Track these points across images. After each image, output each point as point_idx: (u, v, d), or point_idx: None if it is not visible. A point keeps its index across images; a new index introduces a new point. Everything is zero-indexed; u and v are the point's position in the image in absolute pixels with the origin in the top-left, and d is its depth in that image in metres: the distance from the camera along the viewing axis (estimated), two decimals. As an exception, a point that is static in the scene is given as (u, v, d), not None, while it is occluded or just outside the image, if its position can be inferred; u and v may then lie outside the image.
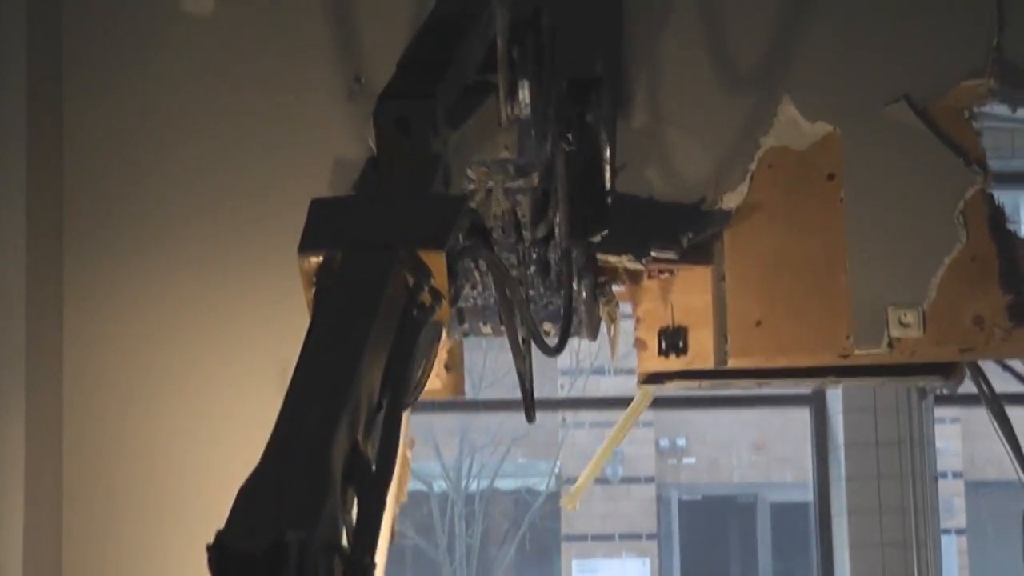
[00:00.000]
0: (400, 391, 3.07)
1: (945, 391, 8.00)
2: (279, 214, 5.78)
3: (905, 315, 5.82)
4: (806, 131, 5.96)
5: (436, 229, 3.24)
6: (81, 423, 6.11)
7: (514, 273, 5.04)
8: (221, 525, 2.64)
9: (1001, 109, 7.41)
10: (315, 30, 6.14)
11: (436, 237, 3.21)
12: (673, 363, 5.99)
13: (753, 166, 5.95)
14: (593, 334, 5.78)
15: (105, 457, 6.08)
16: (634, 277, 6.04)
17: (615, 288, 6.11)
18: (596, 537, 16.30)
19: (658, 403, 10.35)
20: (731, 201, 5.96)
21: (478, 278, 4.96)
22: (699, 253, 5.97)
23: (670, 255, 5.91)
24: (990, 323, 5.84)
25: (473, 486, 16.19)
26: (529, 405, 4.40)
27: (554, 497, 15.92)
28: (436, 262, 3.18)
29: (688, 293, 6.00)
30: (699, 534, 16.77)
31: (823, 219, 5.93)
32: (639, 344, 6.05)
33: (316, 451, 2.80)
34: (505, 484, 16.34)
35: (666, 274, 6.00)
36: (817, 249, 5.91)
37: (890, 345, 5.84)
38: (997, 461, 7.65)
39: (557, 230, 4.98)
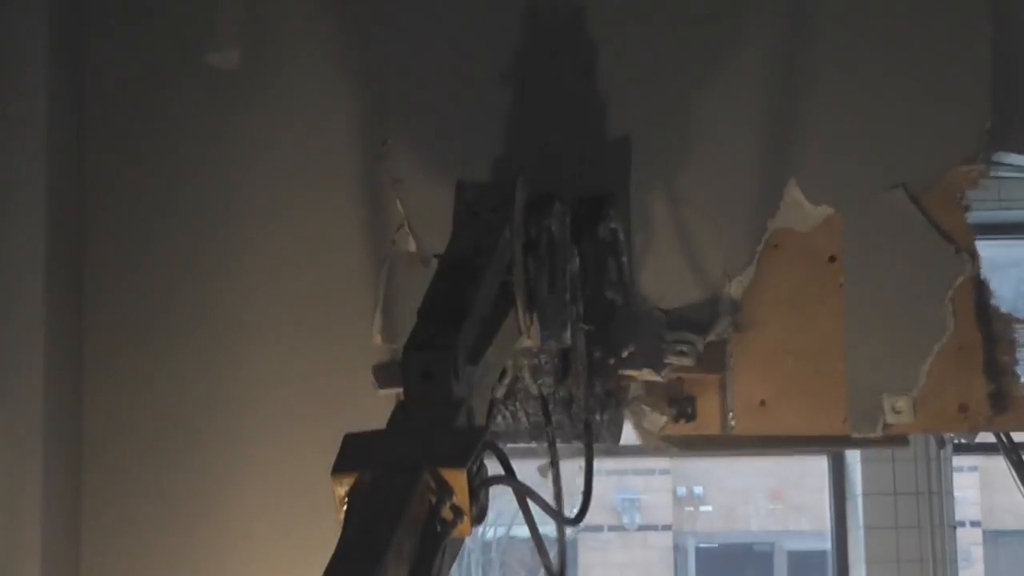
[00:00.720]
0: None
1: (963, 440, 8.10)
2: (302, 268, 5.98)
3: (897, 402, 5.89)
4: (809, 213, 6.04)
5: (458, 450, 3.48)
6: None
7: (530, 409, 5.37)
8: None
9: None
10: (344, 91, 6.16)
11: (458, 457, 3.45)
12: (683, 428, 6.04)
13: (760, 247, 6.03)
14: (617, 440, 5.95)
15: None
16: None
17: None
18: None
19: (680, 456, 10.25)
20: (739, 285, 6.04)
21: (507, 414, 5.38)
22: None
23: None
24: (974, 411, 5.90)
25: (490, 534, 16.06)
26: (550, 565, 4.57)
27: (571, 545, 15.73)
28: (458, 480, 3.41)
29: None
30: None
31: (824, 302, 6.02)
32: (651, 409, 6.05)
33: None
34: (522, 532, 16.21)
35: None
36: (818, 332, 6.00)
37: (884, 429, 5.91)
38: (1015, 510, 7.76)
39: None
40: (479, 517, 3.55)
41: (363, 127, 6.11)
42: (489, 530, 16.58)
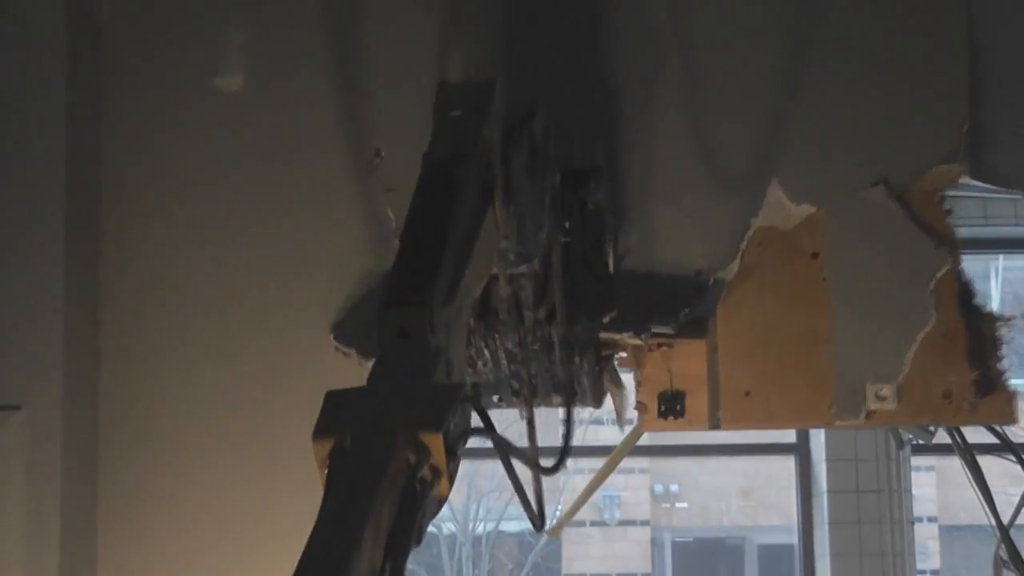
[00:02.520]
0: (401, 560, 3.13)
1: (921, 441, 7.95)
2: (298, 280, 5.75)
3: (881, 389, 5.71)
4: (792, 212, 5.83)
5: (434, 413, 3.28)
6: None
7: (515, 350, 5.05)
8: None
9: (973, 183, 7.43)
10: (333, 105, 6.01)
11: (435, 420, 3.25)
12: (671, 424, 5.87)
13: (743, 245, 5.82)
14: (598, 403, 5.72)
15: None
16: (636, 348, 5.91)
17: (618, 356, 6.01)
18: None
19: (653, 451, 10.19)
20: (724, 277, 5.86)
21: (487, 355, 5.05)
22: (695, 327, 5.89)
23: (668, 330, 5.82)
24: (958, 397, 5.73)
25: (480, 528, 16.51)
26: (534, 517, 4.41)
27: (555, 542, 16.13)
28: (435, 443, 3.22)
29: (685, 360, 5.87)
30: (691, 574, 16.85)
31: (807, 296, 5.83)
32: (640, 407, 5.89)
33: None
34: (509, 527, 16.49)
35: (664, 347, 5.90)
36: (802, 324, 5.81)
37: (867, 417, 5.75)
38: (969, 507, 7.63)
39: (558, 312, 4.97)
40: (454, 475, 3.39)
41: (357, 138, 5.96)
42: (479, 525, 16.49)
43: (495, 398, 5.37)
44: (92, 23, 5.95)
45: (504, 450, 3.80)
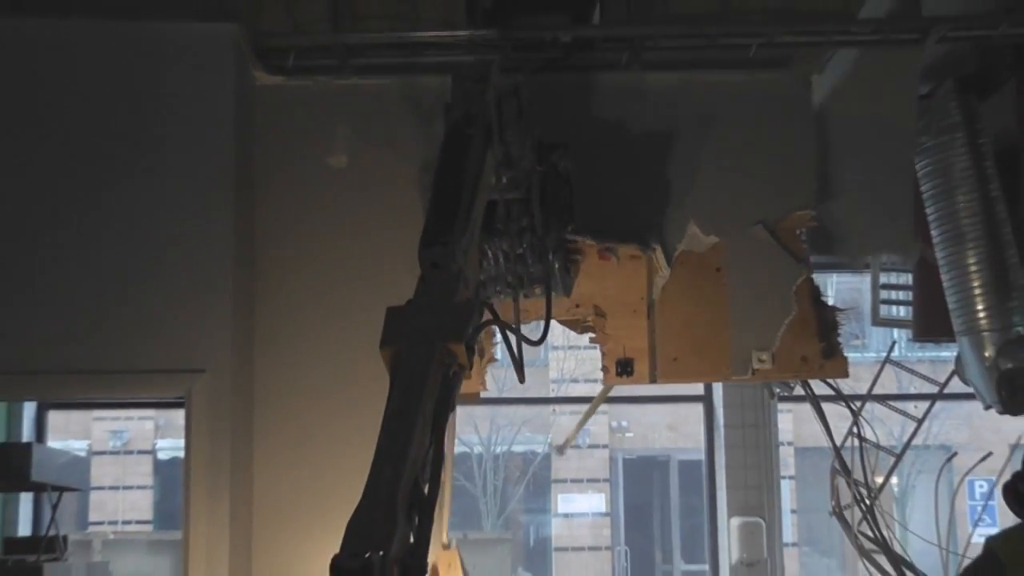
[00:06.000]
0: (441, 434, 3.23)
1: (784, 392, 8.06)
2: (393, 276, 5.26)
3: (762, 356, 5.99)
4: (704, 242, 6.05)
5: (457, 328, 3.42)
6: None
7: (508, 251, 5.01)
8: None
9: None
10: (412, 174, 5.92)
11: (457, 334, 3.40)
12: (624, 380, 6.07)
13: (672, 263, 6.03)
14: (567, 292, 5.69)
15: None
16: (600, 323, 6.04)
17: (590, 335, 6.14)
18: (573, 480, 16.23)
19: (612, 400, 10.06)
20: (662, 276, 6.02)
21: (490, 256, 5.04)
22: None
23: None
24: (811, 360, 6.03)
25: (498, 449, 15.89)
26: (520, 369, 4.32)
27: (547, 457, 15.59)
28: (459, 349, 3.38)
29: (633, 339, 6.04)
30: (634, 480, 16.33)
31: (713, 296, 6.06)
32: (604, 369, 6.08)
33: (390, 497, 2.98)
34: (517, 448, 16.04)
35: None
36: (710, 314, 6.04)
37: (752, 374, 6.01)
38: (815, 435, 7.62)
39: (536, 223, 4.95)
40: (473, 363, 3.49)
41: (420, 192, 5.91)
42: (498, 447, 16.02)
43: (496, 289, 5.27)
44: (250, 126, 5.76)
45: (504, 328, 3.95)
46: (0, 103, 5.51)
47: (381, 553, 2.79)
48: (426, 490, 3.09)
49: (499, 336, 4.18)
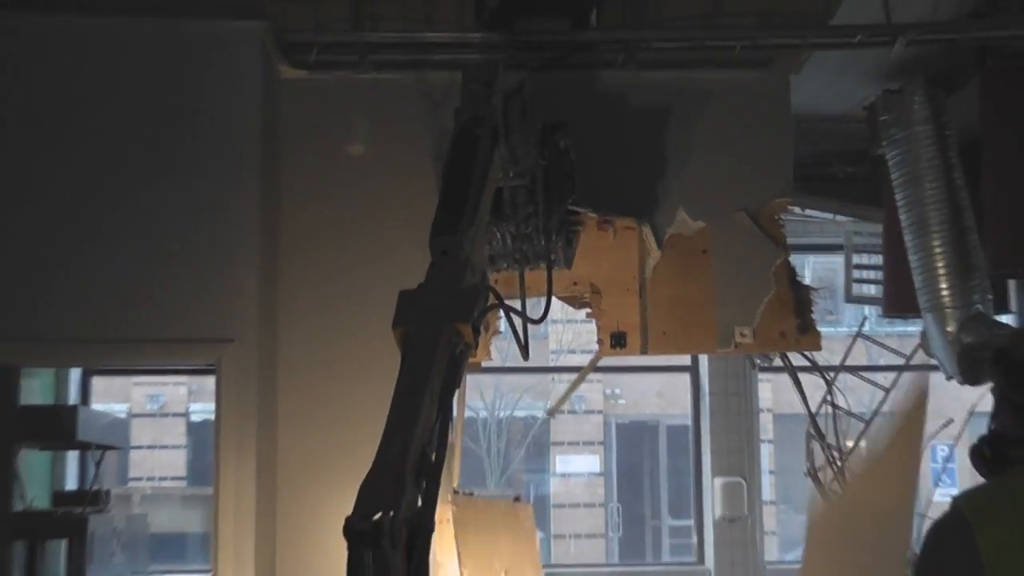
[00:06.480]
0: (448, 411, 3.18)
1: (764, 364, 8.11)
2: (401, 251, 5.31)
3: (744, 331, 6.00)
4: (691, 226, 6.06)
5: (464, 309, 3.36)
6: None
7: (515, 232, 4.89)
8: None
9: (797, 209, 7.69)
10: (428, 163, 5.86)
11: (465, 315, 3.34)
12: (618, 352, 6.08)
13: (662, 245, 6.04)
14: (568, 265, 5.60)
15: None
16: (596, 299, 6.04)
17: (587, 310, 6.16)
18: (570, 443, 16.24)
19: (606, 370, 10.05)
20: (653, 257, 6.02)
21: (498, 237, 4.94)
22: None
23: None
24: (788, 334, 6.05)
25: (501, 414, 15.84)
26: (525, 349, 4.33)
27: (546, 421, 15.60)
28: (465, 330, 3.32)
29: (626, 314, 6.05)
30: (626, 443, 16.31)
31: (700, 276, 6.07)
32: (600, 342, 6.09)
33: (399, 465, 2.93)
34: (519, 413, 15.99)
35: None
36: (697, 292, 6.05)
37: (735, 347, 6.03)
38: (792, 403, 7.67)
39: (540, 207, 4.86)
40: (479, 341, 3.44)
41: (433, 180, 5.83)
42: (501, 412, 16.01)
43: (504, 264, 5.18)
44: (275, 118, 5.69)
45: (508, 311, 3.93)
46: (49, 95, 5.52)
47: (391, 514, 2.78)
48: (433, 458, 3.07)
49: (503, 312, 4.01)
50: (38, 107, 5.52)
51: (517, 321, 4.21)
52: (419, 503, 2.96)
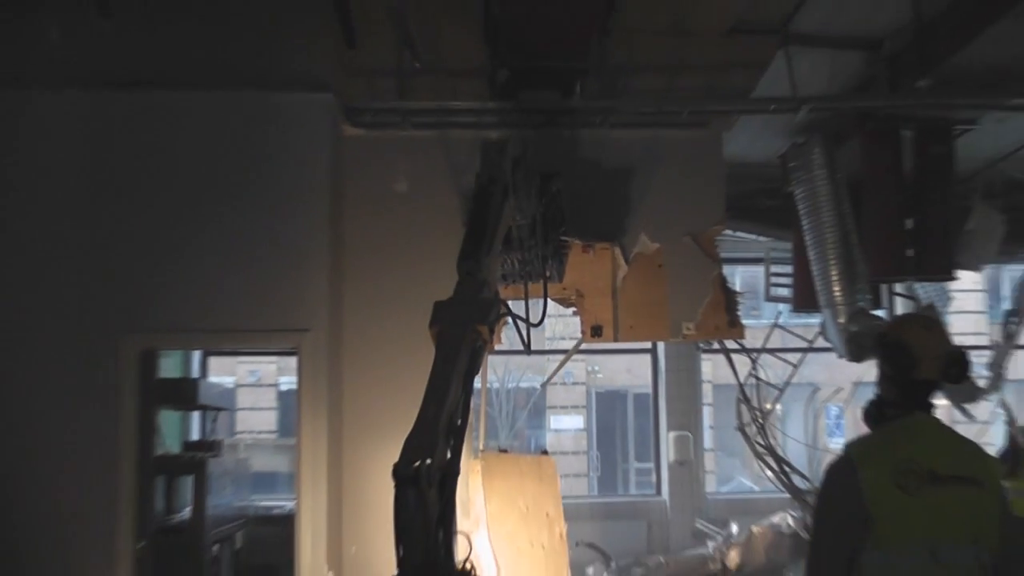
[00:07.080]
0: (470, 389, 3.11)
1: (706, 347, 8.04)
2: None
3: (689, 325, 5.94)
4: (650, 247, 5.99)
5: (483, 314, 3.27)
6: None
7: (520, 258, 4.68)
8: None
9: (729, 232, 7.51)
10: (450, 188, 5.82)
11: (483, 318, 3.25)
12: (596, 340, 5.98)
13: (630, 260, 5.98)
14: (560, 279, 5.50)
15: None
16: (580, 301, 5.90)
17: (573, 309, 6.03)
18: (561, 407, 16.04)
19: (588, 352, 9.80)
20: (622, 270, 5.91)
21: (508, 262, 4.72)
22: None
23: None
24: (721, 328, 5.97)
25: (510, 385, 15.67)
26: (528, 345, 4.32)
27: (543, 391, 15.36)
28: (484, 330, 3.23)
29: (602, 313, 5.95)
30: (603, 407, 16.06)
31: (657, 284, 5.99)
32: (583, 331, 5.99)
33: (434, 426, 2.87)
34: (523, 385, 15.83)
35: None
36: (655, 296, 5.97)
37: (683, 337, 5.96)
38: (726, 376, 7.59)
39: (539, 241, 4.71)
40: (492, 339, 3.33)
41: (460, 204, 5.80)
42: (510, 383, 15.46)
43: (512, 280, 4.95)
44: (339, 153, 5.63)
45: (515, 318, 3.92)
46: (164, 155, 5.46)
47: (427, 462, 2.75)
48: (459, 423, 3.03)
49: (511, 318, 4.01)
50: (178, 168, 5.46)
51: (521, 323, 4.19)
52: (448, 455, 2.91)
